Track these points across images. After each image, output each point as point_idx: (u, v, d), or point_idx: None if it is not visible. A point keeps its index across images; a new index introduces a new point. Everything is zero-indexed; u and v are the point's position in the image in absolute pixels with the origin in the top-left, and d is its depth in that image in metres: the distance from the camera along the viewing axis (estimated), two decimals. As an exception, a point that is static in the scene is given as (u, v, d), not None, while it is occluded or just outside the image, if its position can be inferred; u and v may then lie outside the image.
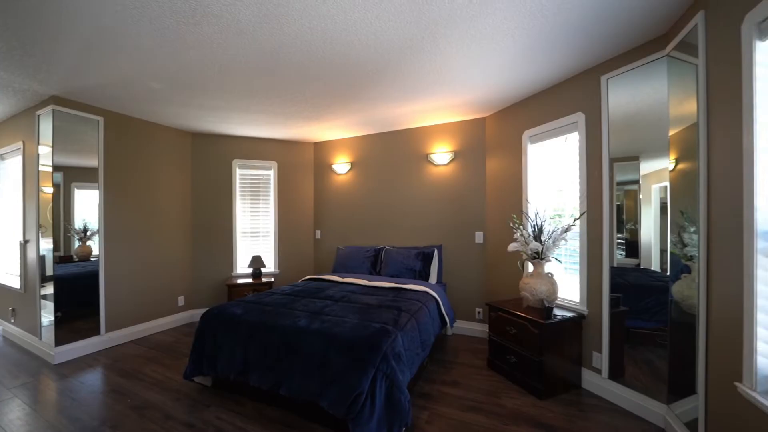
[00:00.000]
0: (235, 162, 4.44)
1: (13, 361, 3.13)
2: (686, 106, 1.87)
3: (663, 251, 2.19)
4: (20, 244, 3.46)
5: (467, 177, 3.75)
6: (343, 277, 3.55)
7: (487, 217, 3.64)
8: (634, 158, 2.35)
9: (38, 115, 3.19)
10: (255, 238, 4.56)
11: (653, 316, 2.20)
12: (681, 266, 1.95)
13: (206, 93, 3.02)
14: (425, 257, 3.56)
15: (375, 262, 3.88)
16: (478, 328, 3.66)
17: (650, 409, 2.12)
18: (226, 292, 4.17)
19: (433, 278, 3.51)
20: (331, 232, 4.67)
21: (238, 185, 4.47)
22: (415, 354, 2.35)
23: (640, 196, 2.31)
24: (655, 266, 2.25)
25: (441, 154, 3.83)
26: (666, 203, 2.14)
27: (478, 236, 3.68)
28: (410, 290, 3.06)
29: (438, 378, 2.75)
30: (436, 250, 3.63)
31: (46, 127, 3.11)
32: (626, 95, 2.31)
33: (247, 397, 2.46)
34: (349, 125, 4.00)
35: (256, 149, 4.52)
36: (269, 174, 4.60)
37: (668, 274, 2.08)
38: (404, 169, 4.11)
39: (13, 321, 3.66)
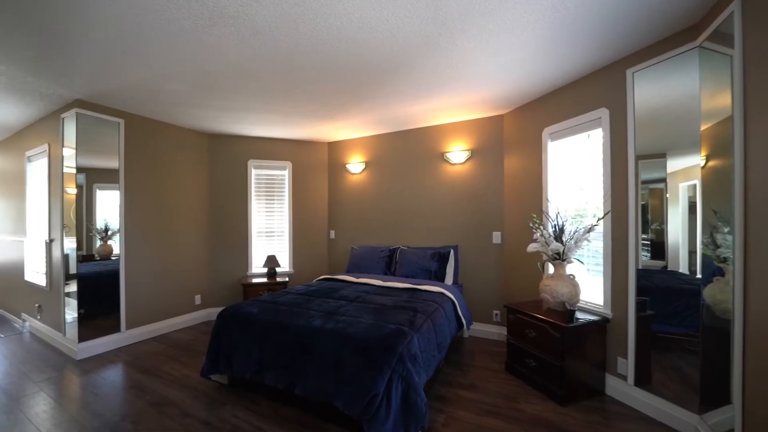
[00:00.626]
0: (251, 162, 4.48)
1: (39, 356, 3.23)
2: (719, 100, 1.77)
3: (692, 253, 2.09)
4: (46, 243, 3.57)
5: (484, 176, 3.68)
6: (357, 278, 3.53)
7: (506, 217, 3.56)
8: (661, 155, 2.24)
9: (63, 118, 3.29)
10: (270, 237, 4.60)
11: (682, 320, 2.09)
12: (713, 268, 1.85)
13: (222, 94, 3.05)
14: (441, 258, 3.51)
15: (390, 262, 3.84)
16: (495, 331, 3.59)
17: (680, 418, 2.02)
18: (241, 292, 4.21)
19: (449, 279, 3.46)
20: (345, 232, 4.67)
21: (253, 185, 4.51)
22: (431, 356, 2.30)
23: (667, 195, 2.21)
24: (683, 268, 2.14)
25: (457, 152, 3.76)
26: (695, 202, 2.04)
27: (496, 236, 3.60)
28: (426, 291, 3.02)
29: (454, 381, 2.70)
30: (452, 251, 3.57)
31: (70, 130, 3.21)
32: (653, 89, 2.21)
33: (262, 395, 2.47)
34: (363, 124, 3.98)
35: (270, 149, 4.55)
36: (284, 174, 4.63)
37: (699, 276, 1.98)
38: (419, 168, 4.07)
39: (39, 317, 3.78)
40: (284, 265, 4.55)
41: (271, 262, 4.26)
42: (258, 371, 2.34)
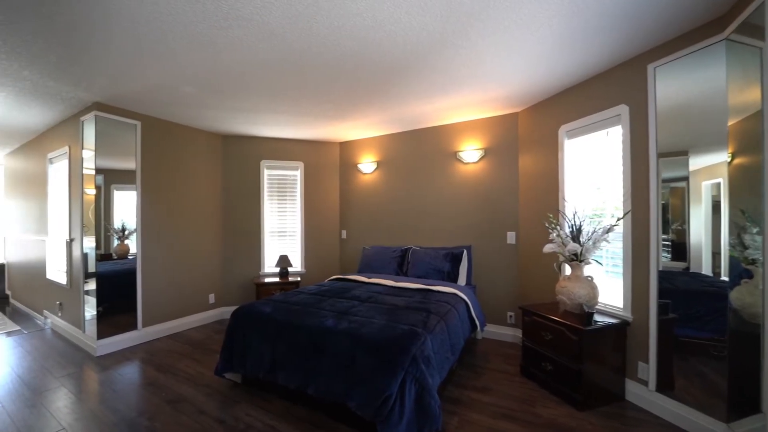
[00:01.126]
0: (263, 163, 4.52)
1: (60, 352, 3.32)
2: (748, 94, 1.70)
3: (716, 254, 2.01)
4: (66, 242, 3.67)
5: (499, 175, 3.62)
6: (369, 278, 3.52)
7: (520, 217, 3.50)
8: (683, 153, 2.16)
9: (82, 121, 3.37)
10: (282, 237, 4.63)
11: (706, 324, 2.01)
12: (740, 271, 1.78)
13: (236, 95, 3.08)
14: (454, 258, 3.47)
15: (401, 262, 3.82)
16: (509, 333, 3.53)
17: (706, 426, 1.94)
18: (254, 291, 4.26)
19: (462, 280, 3.42)
20: (356, 232, 4.67)
21: (266, 186, 4.55)
22: (445, 358, 2.27)
23: (689, 194, 2.13)
24: (707, 270, 2.06)
25: (470, 151, 3.72)
26: (719, 201, 1.96)
27: (511, 237, 3.54)
28: (438, 292, 2.99)
29: (468, 383, 2.66)
30: (465, 251, 3.52)
31: (89, 132, 3.29)
32: (675, 85, 2.14)
33: (275, 394, 2.48)
34: (375, 124, 3.98)
35: (283, 150, 4.59)
36: (296, 174, 4.66)
37: (724, 279, 1.90)
38: (432, 167, 4.03)
39: (60, 314, 3.89)
40: (296, 265, 4.58)
41: (284, 261, 4.29)
42: (271, 370, 2.35)
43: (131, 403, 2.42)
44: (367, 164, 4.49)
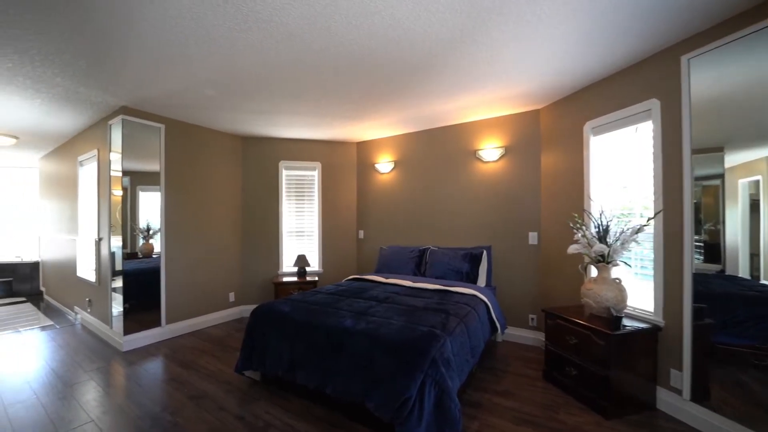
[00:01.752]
0: (282, 163, 4.58)
1: (89, 347, 3.45)
2: (794, 85, 1.59)
3: (754, 255, 1.89)
4: (95, 241, 3.82)
5: (520, 173, 3.53)
6: (386, 278, 3.50)
7: (543, 217, 3.40)
8: (717, 149, 2.05)
9: (110, 125, 3.50)
10: (300, 237, 4.67)
11: (745, 330, 1.89)
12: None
13: (255, 97, 3.12)
14: (473, 258, 3.41)
15: (419, 262, 3.78)
16: (531, 336, 3.44)
17: (746, 439, 1.82)
18: (272, 290, 4.31)
19: (481, 281, 3.35)
20: (374, 232, 4.66)
21: (284, 186, 4.61)
22: (465, 360, 2.23)
23: (724, 192, 2.01)
24: (744, 272, 1.94)
25: (490, 150, 3.64)
26: (758, 200, 1.85)
27: (532, 237, 3.45)
28: (457, 293, 2.93)
29: (489, 387, 2.60)
30: (484, 252, 3.45)
31: (116, 136, 3.41)
32: (710, 77, 2.02)
33: (293, 393, 2.49)
34: (393, 123, 3.96)
35: (301, 150, 4.63)
36: (313, 174, 4.69)
37: (764, 282, 1.78)
38: (450, 166, 3.98)
39: (89, 310, 4.05)
40: (314, 265, 4.61)
41: (301, 261, 4.32)
42: (290, 369, 2.36)
43: (155, 397, 2.48)
44: (385, 164, 4.48)
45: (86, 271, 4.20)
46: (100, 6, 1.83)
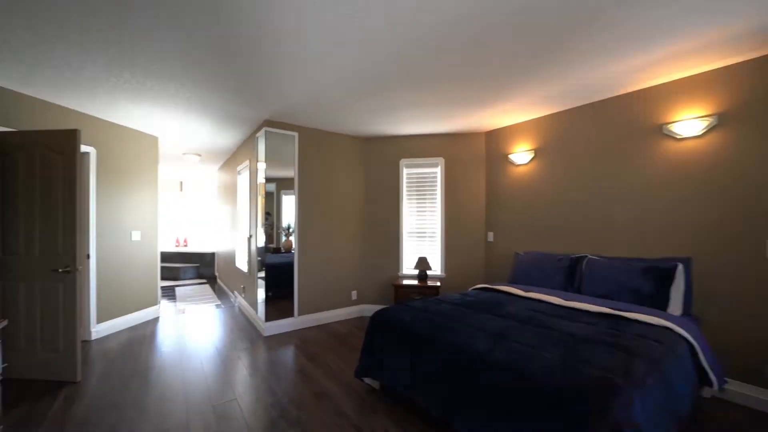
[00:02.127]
0: (402, 162, 4.41)
1: (241, 328, 3.97)
2: None
3: None
4: (247, 238, 4.38)
5: (747, 152, 2.37)
6: (525, 291, 2.87)
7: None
8: None
9: (257, 137, 3.95)
10: (421, 238, 4.41)
11: None
12: None
13: (377, 93, 2.98)
14: (660, 275, 2.44)
15: (571, 274, 2.98)
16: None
17: None
18: (392, 292, 4.16)
19: (674, 308, 2.36)
20: (506, 234, 4.00)
21: (405, 185, 4.43)
22: (664, 430, 1.49)
23: None
24: None
25: (689, 121, 2.57)
26: None
27: (768, 247, 2.27)
28: (638, 322, 2.11)
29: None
30: (680, 266, 2.44)
31: (261, 146, 3.83)
32: None
33: (415, 414, 2.20)
34: (532, 104, 3.28)
35: (422, 147, 4.37)
36: (435, 171, 4.36)
37: None
38: (619, 149, 3.02)
39: (243, 296, 4.70)
40: (435, 268, 4.27)
41: (422, 264, 4.04)
42: (410, 386, 2.09)
43: (286, 387, 2.58)
44: (521, 153, 3.78)
45: (241, 262, 4.91)
46: (244, 39, 1.90)
